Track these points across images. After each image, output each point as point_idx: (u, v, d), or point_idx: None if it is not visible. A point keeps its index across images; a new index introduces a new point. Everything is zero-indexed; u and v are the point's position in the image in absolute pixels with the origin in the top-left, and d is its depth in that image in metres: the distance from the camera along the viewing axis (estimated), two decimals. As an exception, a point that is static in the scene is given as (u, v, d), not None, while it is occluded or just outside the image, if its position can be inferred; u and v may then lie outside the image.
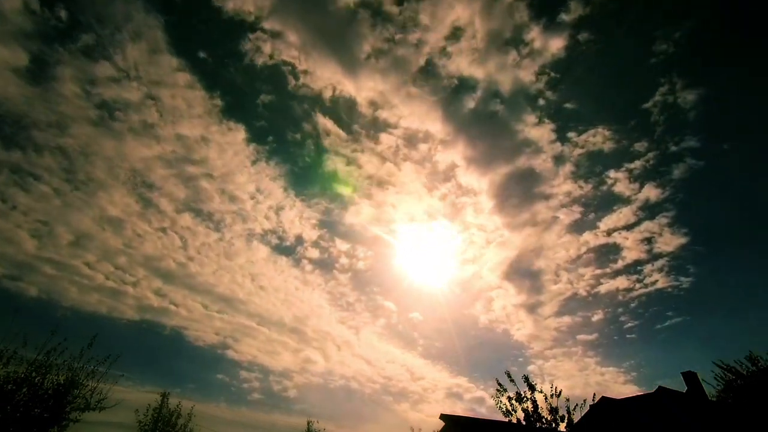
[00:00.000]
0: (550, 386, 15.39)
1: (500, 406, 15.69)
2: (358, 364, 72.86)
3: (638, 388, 70.87)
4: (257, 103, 67.56)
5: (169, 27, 54.40)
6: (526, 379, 15.51)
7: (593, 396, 15.74)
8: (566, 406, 15.06)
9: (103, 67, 49.47)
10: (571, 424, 14.80)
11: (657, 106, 67.74)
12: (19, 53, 43.72)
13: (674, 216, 70.30)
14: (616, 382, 65.39)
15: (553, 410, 14.95)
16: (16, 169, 47.69)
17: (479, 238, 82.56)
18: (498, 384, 15.95)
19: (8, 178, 47.32)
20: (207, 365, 66.29)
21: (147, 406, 24.54)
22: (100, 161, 53.28)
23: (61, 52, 47.67)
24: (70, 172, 51.68)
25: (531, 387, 15.35)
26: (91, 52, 48.78)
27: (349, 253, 76.61)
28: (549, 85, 73.05)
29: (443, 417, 20.43)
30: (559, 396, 15.20)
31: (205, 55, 60.55)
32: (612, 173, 71.48)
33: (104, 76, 49.92)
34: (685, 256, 71.89)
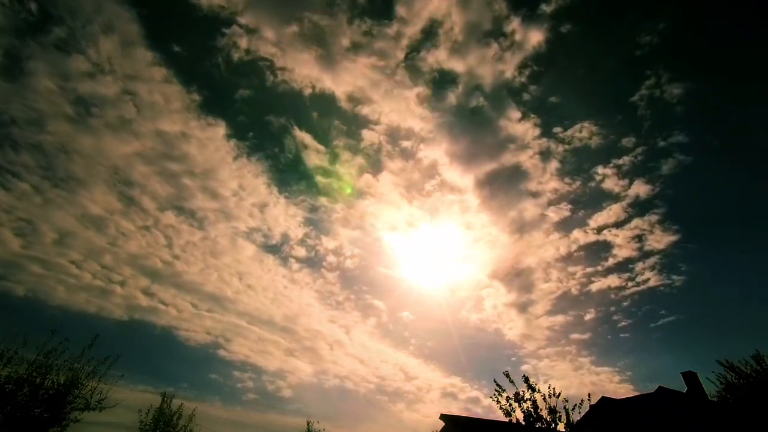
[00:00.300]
0: (548, 387, 15.38)
1: (500, 407, 15.67)
2: (352, 363, 72.82)
3: (633, 387, 70.37)
4: (235, 99, 66.82)
5: (142, 20, 54.07)
6: (525, 380, 15.50)
7: (588, 396, 15.71)
8: (564, 407, 15.02)
9: (77, 62, 49.29)
10: (570, 424, 14.78)
11: (644, 99, 66.04)
12: (-9, 48, 44.15)
13: (664, 213, 69.77)
14: (612, 382, 64.85)
15: (552, 410, 14.94)
16: (-3, 167, 48.28)
17: (466, 236, 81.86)
18: (497, 384, 15.94)
19: (-11, 176, 47.87)
20: (199, 365, 66.24)
21: (149, 407, 24.63)
22: (79, 158, 53.17)
23: (33, 46, 47.51)
24: (49, 169, 51.84)
25: (530, 387, 15.33)
26: (63, 45, 48.44)
27: (336, 251, 76.25)
28: (532, 79, 70.95)
29: (443, 417, 20.46)
30: (558, 396, 15.18)
31: (179, 49, 59.78)
32: (600, 169, 68.98)
33: (78, 71, 49.76)
34: (676, 253, 70.88)
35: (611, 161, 70.62)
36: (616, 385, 62.87)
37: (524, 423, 15.15)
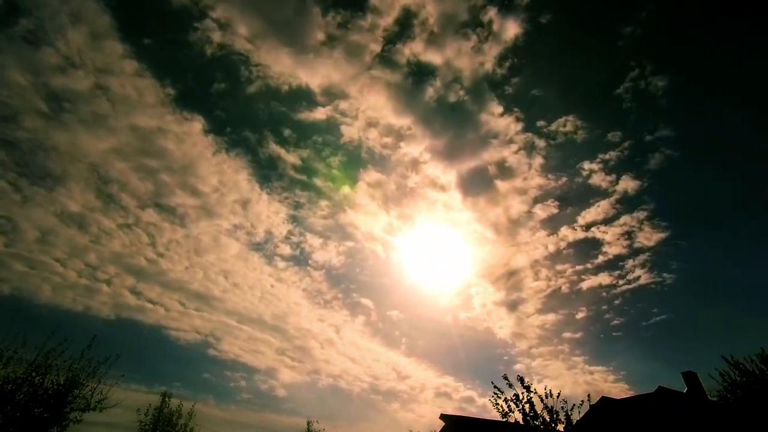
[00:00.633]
0: (544, 387, 15.40)
1: (498, 408, 15.67)
2: (344, 362, 72.21)
3: (629, 387, 69.46)
4: (211, 93, 65.85)
5: (110, 11, 53.03)
6: (521, 380, 15.52)
7: (588, 397, 15.73)
8: (563, 407, 15.03)
9: (47, 54, 48.35)
10: (570, 424, 14.78)
11: (629, 92, 64.98)
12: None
13: (653, 209, 67.30)
14: (606, 382, 63.56)
15: (551, 411, 14.94)
16: (-27, 164, 48.19)
17: (451, 234, 79.83)
18: (495, 387, 15.96)
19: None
20: (191, 364, 65.72)
21: (147, 406, 24.64)
22: (55, 155, 52.40)
23: (1, 38, 47.17)
24: (26, 166, 51.32)
25: (527, 388, 15.36)
26: (32, 38, 47.64)
27: (322, 248, 75.34)
28: (513, 71, 69.05)
29: (443, 417, 20.46)
30: (558, 397, 15.19)
31: (150, 41, 59.04)
32: (586, 165, 67.26)
33: (49, 64, 48.78)
34: (666, 251, 69.12)
35: (597, 156, 68.52)
36: (610, 385, 62.27)
37: (523, 423, 15.16)
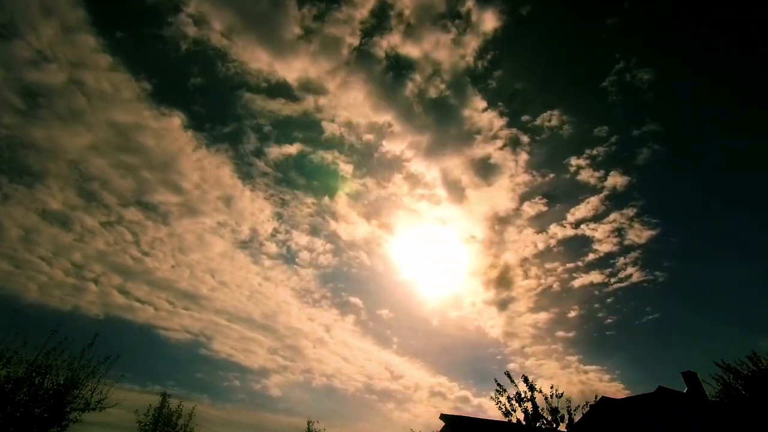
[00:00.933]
0: (550, 387, 15.40)
1: (500, 407, 15.68)
2: (336, 361, 71.21)
3: (624, 386, 68.83)
4: (188, 88, 64.48)
5: (82, 3, 52.46)
6: (525, 380, 15.52)
7: (595, 398, 15.76)
8: (567, 407, 15.04)
9: (19, 48, 47.06)
10: (571, 424, 14.80)
11: (614, 85, 64.31)
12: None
13: (642, 206, 66.51)
14: (602, 381, 62.97)
15: (554, 410, 14.95)
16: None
17: (438, 232, 79.12)
18: (497, 384, 15.97)
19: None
20: (183, 363, 64.82)
21: (147, 406, 24.55)
22: (33, 152, 51.42)
23: None
24: (4, 163, 50.42)
25: (531, 387, 15.35)
26: (3, 30, 46.38)
27: (308, 246, 74.23)
28: (494, 64, 67.53)
29: (443, 417, 20.45)
30: (561, 397, 15.21)
31: (123, 35, 57.97)
32: (574, 160, 65.90)
33: (22, 58, 47.93)
34: (657, 248, 68.53)
35: (585, 152, 67.27)
36: (605, 384, 61.46)
37: (524, 423, 15.17)
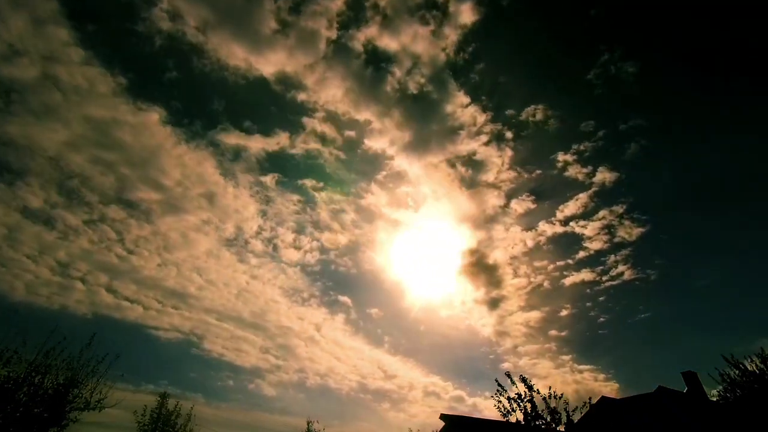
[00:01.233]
0: (548, 388, 15.42)
1: (500, 408, 15.70)
2: (329, 361, 71.31)
3: (619, 386, 67.56)
4: (165, 83, 63.41)
5: None
6: (524, 380, 15.54)
7: (588, 399, 15.77)
8: (566, 408, 15.07)
9: None
10: (570, 424, 14.81)
11: (600, 78, 63.13)
12: None
13: (632, 203, 65.99)
14: (597, 380, 62.41)
15: (553, 411, 14.97)
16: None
17: (424, 231, 78.39)
18: (498, 385, 16.00)
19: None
20: (176, 362, 64.16)
21: (144, 407, 24.48)
22: (11, 149, 50.53)
23: None
24: None
25: (529, 388, 15.38)
26: None
27: (295, 244, 72.99)
28: (476, 57, 66.00)
29: (443, 417, 20.44)
30: (561, 398, 15.22)
31: (95, 28, 56.65)
32: (561, 156, 64.43)
33: None
34: (648, 246, 67.96)
35: (572, 147, 65.46)
36: (601, 384, 60.80)
37: (524, 423, 15.18)
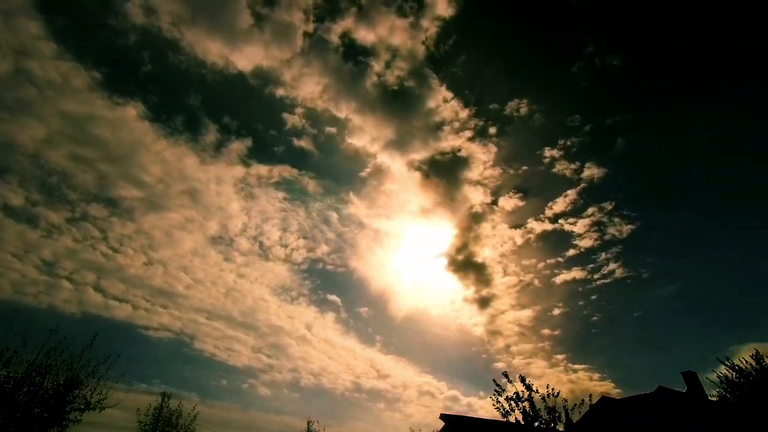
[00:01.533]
0: (546, 387, 15.41)
1: (499, 408, 15.70)
2: (321, 360, 71.38)
3: (615, 385, 67.69)
4: (141, 78, 62.56)
5: None
6: (522, 380, 15.55)
7: (583, 399, 15.75)
8: (564, 406, 15.04)
9: None
10: (569, 423, 14.79)
11: (584, 71, 62.47)
12: None
13: (621, 199, 65.34)
14: (592, 380, 62.12)
15: (551, 410, 14.96)
16: None
17: (412, 228, 77.61)
18: (496, 384, 16.01)
19: None
20: (168, 362, 63.87)
21: (147, 406, 24.59)
22: None
23: None
24: None
25: (528, 387, 15.37)
26: None
27: (281, 242, 72.50)
28: (456, 50, 65.15)
29: (443, 417, 20.45)
30: (558, 396, 15.22)
31: (66, 21, 55.64)
32: (547, 152, 64.07)
33: None
34: (638, 243, 67.61)
35: (558, 142, 65.66)
36: (596, 383, 60.42)
37: (523, 422, 15.18)
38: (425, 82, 64.94)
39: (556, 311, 70.45)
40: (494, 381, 16.07)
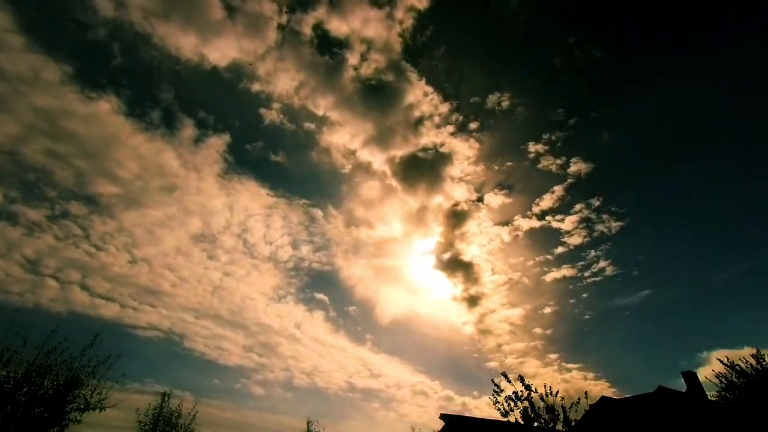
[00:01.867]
0: (545, 386, 15.44)
1: (499, 407, 15.72)
2: (313, 359, 71.03)
3: (610, 384, 67.39)
4: (114, 72, 60.78)
5: None
6: (521, 379, 15.57)
7: (579, 399, 15.75)
8: (562, 405, 15.08)
9: None
10: (567, 423, 14.82)
11: (566, 63, 61.61)
12: None
13: (609, 195, 65.60)
14: (586, 379, 61.92)
15: (551, 409, 14.98)
16: None
17: (396, 227, 76.62)
18: (494, 385, 16.04)
19: None
20: (159, 361, 63.45)
21: (147, 406, 24.60)
22: None
23: None
24: None
25: (527, 387, 15.40)
26: None
27: (266, 239, 71.58)
28: (434, 42, 64.02)
29: (443, 417, 20.46)
30: (557, 395, 15.26)
31: (33, 13, 53.66)
32: (532, 146, 63.34)
33: None
34: (627, 240, 67.74)
35: (543, 137, 64.82)
36: (591, 383, 60.21)
37: (523, 422, 15.20)
38: (403, 75, 64.02)
39: (548, 310, 70.14)
40: (492, 381, 16.13)
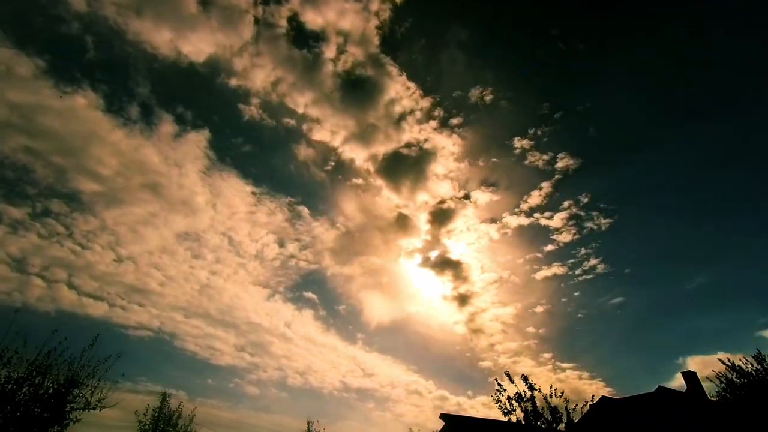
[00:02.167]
0: (550, 387, 15.42)
1: (501, 407, 15.71)
2: (305, 358, 70.14)
3: (605, 384, 66.73)
4: (88, 67, 58.90)
5: None
6: (525, 379, 15.55)
7: (592, 397, 15.74)
8: (566, 407, 15.07)
9: None
10: (570, 423, 14.81)
11: (550, 56, 60.36)
12: None
13: (598, 191, 64.19)
14: (581, 378, 61.29)
15: (554, 410, 14.98)
16: None
17: (383, 224, 75.63)
18: (497, 384, 16.03)
19: None
20: (150, 360, 62.63)
21: (146, 407, 24.57)
22: None
23: None
24: None
25: (530, 387, 15.39)
26: None
27: (251, 237, 70.04)
28: (413, 33, 62.12)
29: (443, 417, 20.48)
30: (562, 396, 15.24)
31: (2, 7, 52.62)
32: (517, 141, 62.21)
33: None
34: (618, 238, 66.87)
35: (528, 132, 64.21)
36: (585, 382, 59.58)
37: (524, 422, 15.19)
38: (383, 69, 62.64)
39: (539, 308, 69.51)
40: (495, 380, 16.09)
